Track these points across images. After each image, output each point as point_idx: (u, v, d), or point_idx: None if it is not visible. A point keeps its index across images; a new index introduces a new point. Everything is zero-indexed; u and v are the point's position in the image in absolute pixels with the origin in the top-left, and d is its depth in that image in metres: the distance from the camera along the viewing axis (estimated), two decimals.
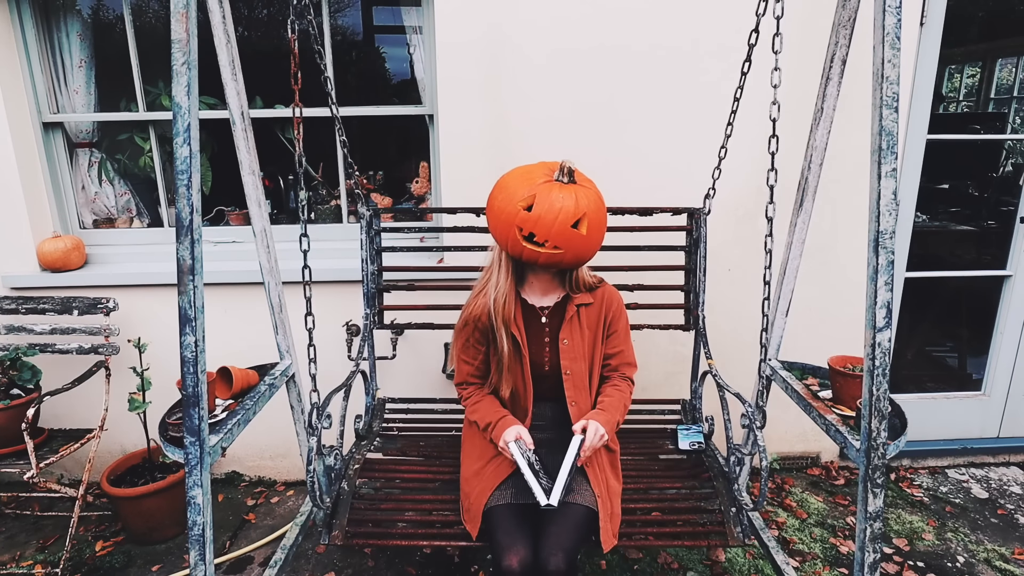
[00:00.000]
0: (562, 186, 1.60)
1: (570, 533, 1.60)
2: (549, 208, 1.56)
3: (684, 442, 2.19)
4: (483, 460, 1.79)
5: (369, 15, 3.04)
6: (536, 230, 1.58)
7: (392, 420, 2.40)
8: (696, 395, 2.33)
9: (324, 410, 1.78)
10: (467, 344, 1.81)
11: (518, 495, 1.68)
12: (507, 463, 1.73)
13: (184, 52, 1.27)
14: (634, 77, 2.46)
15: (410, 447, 2.23)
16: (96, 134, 2.79)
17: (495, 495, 1.70)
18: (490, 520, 1.67)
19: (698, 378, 2.31)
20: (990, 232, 3.61)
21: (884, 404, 1.40)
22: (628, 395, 1.82)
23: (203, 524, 1.41)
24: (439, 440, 2.29)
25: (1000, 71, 4.99)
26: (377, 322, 2.33)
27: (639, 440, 2.28)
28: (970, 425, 3.01)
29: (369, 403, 2.35)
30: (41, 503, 2.73)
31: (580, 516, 1.65)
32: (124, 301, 2.57)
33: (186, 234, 1.31)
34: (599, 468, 1.76)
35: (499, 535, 1.61)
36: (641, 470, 2.10)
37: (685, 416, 2.39)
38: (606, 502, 1.72)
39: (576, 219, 1.58)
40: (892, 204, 1.33)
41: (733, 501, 1.89)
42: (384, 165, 3.11)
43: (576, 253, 1.63)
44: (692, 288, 2.29)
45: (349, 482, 1.98)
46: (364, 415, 2.29)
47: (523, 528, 1.62)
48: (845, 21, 1.71)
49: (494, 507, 1.67)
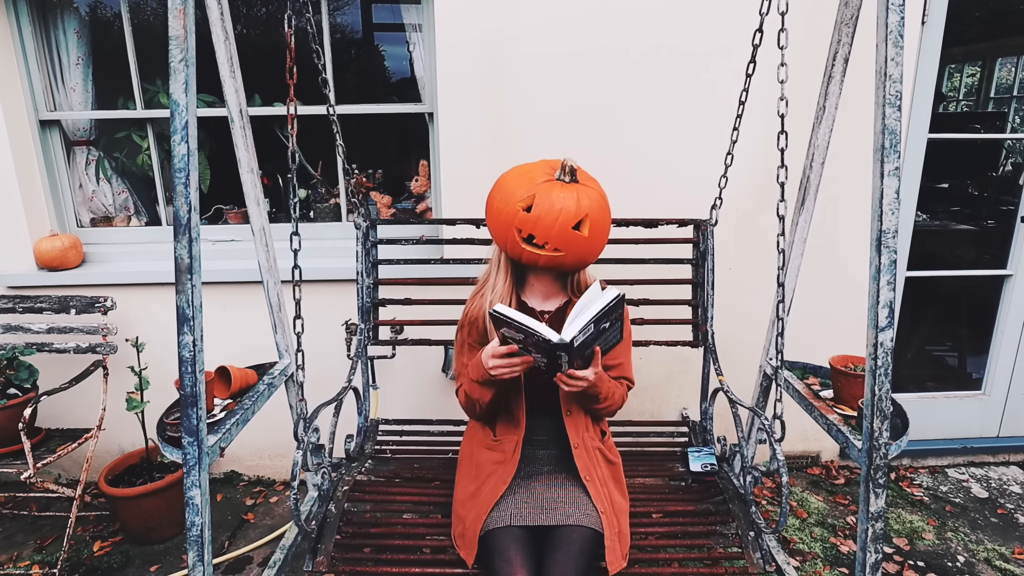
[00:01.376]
0: (563, 185, 1.53)
1: (576, 559, 1.47)
2: (549, 209, 1.50)
3: (696, 464, 2.07)
4: (478, 481, 1.66)
5: (368, 13, 3.03)
6: (536, 232, 1.51)
7: (385, 442, 2.27)
8: (706, 416, 2.21)
9: (311, 423, 1.71)
10: (466, 346, 1.71)
11: (518, 516, 1.55)
12: (504, 481, 1.62)
13: (182, 49, 1.26)
14: (634, 78, 2.45)
15: (404, 469, 2.10)
16: (94, 132, 2.78)
17: (493, 517, 1.56)
18: (487, 545, 1.54)
19: (708, 397, 2.18)
20: (990, 231, 3.61)
21: (886, 404, 1.40)
22: (624, 392, 1.69)
23: (201, 524, 1.40)
24: (435, 462, 2.16)
25: (1000, 70, 4.99)
26: (372, 338, 2.21)
27: (648, 463, 2.16)
28: (970, 424, 3.01)
29: (361, 424, 2.23)
30: (39, 503, 2.72)
31: (586, 539, 1.52)
32: (122, 300, 2.56)
33: (184, 233, 1.30)
34: (600, 482, 1.64)
35: (498, 562, 1.48)
36: (651, 492, 1.98)
37: (695, 437, 2.27)
38: (611, 519, 1.59)
39: (578, 220, 1.51)
40: (895, 203, 1.33)
41: (751, 524, 1.76)
42: (383, 163, 3.10)
43: (578, 255, 1.56)
44: (700, 302, 2.19)
45: (337, 504, 1.85)
46: (356, 436, 2.17)
47: (524, 553, 1.49)
48: (847, 19, 1.70)
49: (492, 530, 1.54)
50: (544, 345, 1.38)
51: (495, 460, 1.66)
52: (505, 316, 1.38)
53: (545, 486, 1.63)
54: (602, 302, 1.41)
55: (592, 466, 1.65)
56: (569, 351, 1.39)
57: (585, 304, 1.43)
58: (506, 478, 1.62)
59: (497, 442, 1.68)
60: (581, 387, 1.48)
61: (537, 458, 1.68)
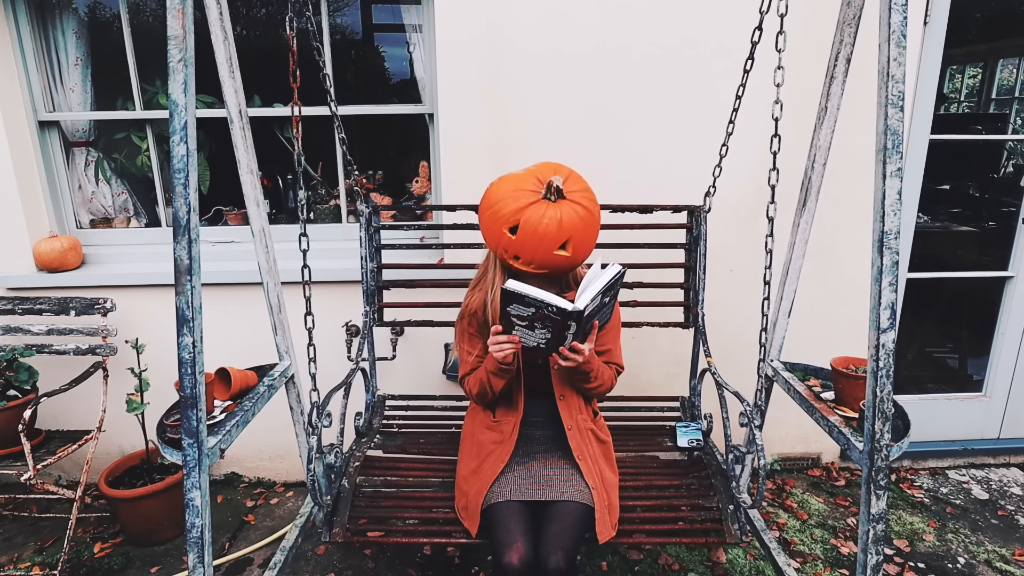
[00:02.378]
0: (548, 205, 1.56)
1: (569, 531, 1.61)
2: (532, 233, 1.55)
3: (683, 439, 2.20)
4: (479, 459, 1.81)
5: (368, 13, 3.02)
6: (520, 254, 1.59)
7: (392, 417, 2.40)
8: (695, 392, 2.34)
9: (324, 409, 1.77)
10: (467, 335, 1.83)
11: (517, 491, 1.70)
12: (502, 460, 1.76)
13: (180, 49, 1.25)
14: (635, 77, 2.45)
15: (410, 444, 2.23)
16: (93, 133, 2.78)
17: (495, 492, 1.71)
18: (490, 517, 1.68)
19: (697, 375, 2.32)
20: (991, 233, 3.61)
21: (888, 405, 1.39)
22: (613, 375, 1.81)
23: (202, 526, 1.40)
24: (439, 437, 2.29)
25: (1001, 72, 4.98)
26: (376, 319, 2.32)
27: (638, 437, 2.28)
28: (971, 426, 3.00)
29: (369, 400, 2.36)
30: (39, 505, 2.71)
31: (579, 514, 1.66)
32: (122, 301, 2.56)
33: (183, 234, 1.29)
34: (591, 460, 1.78)
35: (499, 532, 1.62)
36: (640, 467, 2.10)
37: (684, 413, 2.40)
38: (602, 493, 1.73)
39: (561, 243, 1.57)
40: (897, 204, 1.32)
41: (731, 499, 1.89)
42: (384, 164, 3.09)
43: (564, 270, 1.66)
44: (692, 286, 2.29)
45: (350, 480, 1.98)
46: (364, 412, 2.30)
47: (523, 525, 1.63)
48: (850, 19, 1.69)
49: (493, 504, 1.69)
50: (556, 316, 1.46)
51: (494, 440, 1.81)
52: (518, 292, 1.43)
53: (541, 464, 1.77)
54: (608, 275, 1.51)
55: (584, 446, 1.79)
56: (579, 320, 1.47)
57: (592, 278, 1.53)
58: (504, 456, 1.77)
59: (497, 423, 1.83)
60: (578, 361, 1.59)
61: (535, 438, 1.83)
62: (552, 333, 1.52)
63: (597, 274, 1.54)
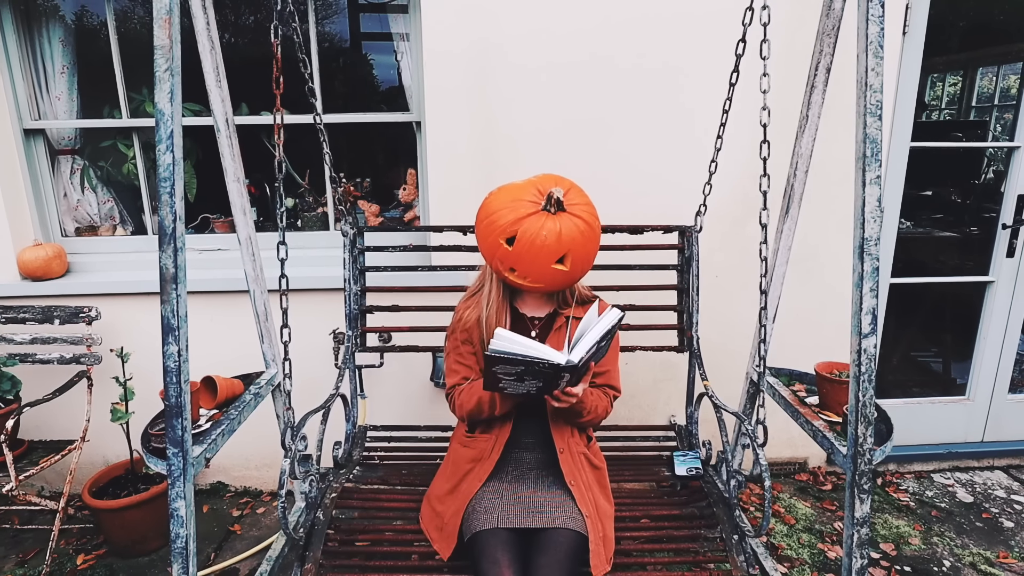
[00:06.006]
0: (547, 217, 1.49)
1: (562, 563, 1.49)
2: (530, 246, 1.48)
3: (681, 468, 2.08)
4: (455, 478, 1.71)
5: (356, 22, 3.03)
6: (516, 267, 1.53)
7: (373, 448, 2.27)
8: (692, 420, 2.24)
9: (299, 431, 1.70)
10: (457, 348, 1.73)
11: (504, 519, 1.58)
12: (480, 479, 1.66)
13: (167, 58, 1.25)
14: (622, 88, 2.47)
15: (392, 476, 2.10)
16: (79, 141, 2.76)
17: (479, 517, 1.59)
18: (474, 546, 1.56)
19: (693, 402, 2.21)
20: (973, 238, 3.66)
21: (870, 410, 1.41)
22: (608, 403, 1.72)
23: (186, 536, 1.39)
24: (422, 469, 2.14)
25: (981, 80, 5.07)
26: (359, 344, 2.20)
27: (634, 467, 2.17)
28: (955, 430, 3.04)
29: (349, 431, 2.21)
30: (21, 516, 2.67)
31: (572, 544, 1.54)
32: (107, 310, 2.54)
33: (169, 242, 1.29)
34: (585, 487, 1.67)
35: (484, 563, 1.49)
36: (636, 497, 2.00)
37: (681, 442, 2.29)
38: (596, 523, 1.62)
39: (559, 257, 1.50)
40: (877, 211, 1.34)
41: (735, 528, 1.78)
42: (371, 172, 3.10)
43: (561, 285, 1.59)
44: (685, 308, 2.21)
45: (325, 511, 1.85)
46: (344, 443, 2.15)
47: (510, 555, 1.51)
48: (829, 30, 1.72)
49: (479, 532, 1.57)
50: (547, 370, 1.41)
51: (471, 457, 1.71)
52: (503, 354, 1.37)
53: (531, 489, 1.66)
54: (605, 323, 1.46)
55: (577, 471, 1.68)
56: (574, 372, 1.43)
57: (587, 326, 1.47)
58: (482, 475, 1.67)
59: (472, 438, 1.72)
60: (571, 403, 1.53)
61: (524, 461, 1.72)
62: (544, 382, 1.46)
63: (593, 321, 1.46)
